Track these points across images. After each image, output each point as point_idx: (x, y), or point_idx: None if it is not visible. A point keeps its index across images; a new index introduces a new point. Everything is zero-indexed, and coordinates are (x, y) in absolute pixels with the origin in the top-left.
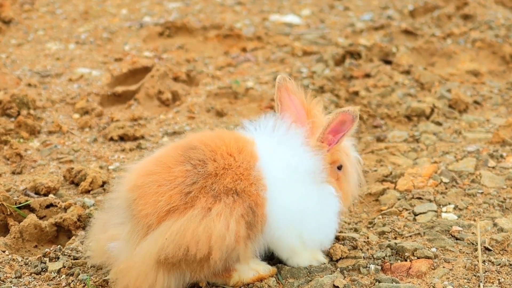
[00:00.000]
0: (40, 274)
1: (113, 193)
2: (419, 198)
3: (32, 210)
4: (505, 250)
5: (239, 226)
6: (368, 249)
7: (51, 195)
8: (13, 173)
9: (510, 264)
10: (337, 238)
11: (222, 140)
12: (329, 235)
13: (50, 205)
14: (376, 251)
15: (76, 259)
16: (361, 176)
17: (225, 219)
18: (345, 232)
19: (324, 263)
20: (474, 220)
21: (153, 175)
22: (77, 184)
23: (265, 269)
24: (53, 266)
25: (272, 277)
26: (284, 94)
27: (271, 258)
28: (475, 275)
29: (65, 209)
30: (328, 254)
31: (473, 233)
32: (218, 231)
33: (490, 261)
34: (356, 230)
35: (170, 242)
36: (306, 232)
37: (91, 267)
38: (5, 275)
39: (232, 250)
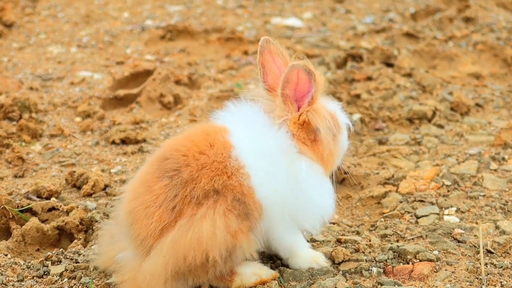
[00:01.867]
0: (42, 278)
1: (116, 212)
2: (421, 201)
3: (34, 213)
4: (507, 253)
5: (228, 220)
6: (370, 252)
7: (53, 199)
8: (15, 176)
9: None
10: (339, 241)
11: (192, 141)
12: (324, 208)
13: (52, 209)
14: (378, 254)
15: (78, 262)
16: (344, 137)
17: (210, 218)
18: (347, 235)
19: (326, 267)
20: (476, 223)
21: (139, 198)
22: (79, 188)
23: (267, 273)
24: (55, 269)
25: (274, 280)
26: (268, 57)
27: (273, 261)
28: (477, 278)
29: (67, 212)
30: (330, 257)
31: (475, 235)
32: (205, 231)
33: (492, 263)
34: (358, 233)
35: (169, 258)
36: (300, 215)
37: (93, 270)
38: (7, 279)
39: (233, 247)
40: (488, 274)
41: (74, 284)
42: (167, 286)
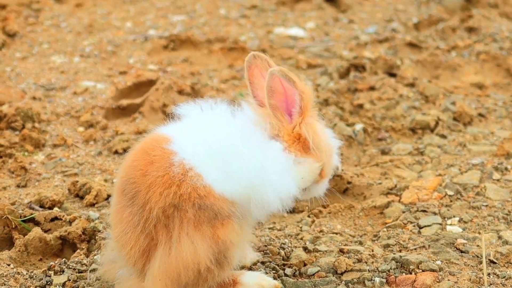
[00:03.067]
0: None
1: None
2: (424, 211)
3: (37, 223)
4: (510, 263)
5: (202, 231)
6: (373, 262)
7: (56, 209)
8: (18, 186)
9: None
10: (342, 251)
11: (135, 166)
12: (281, 190)
13: (55, 218)
14: (381, 264)
15: (81, 272)
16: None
17: (185, 242)
18: (350, 245)
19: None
20: (479, 233)
21: (118, 225)
22: (82, 197)
23: (269, 283)
24: (58, 279)
25: None
26: (255, 72)
27: (276, 271)
28: None
29: (70, 222)
30: (332, 267)
31: (478, 245)
32: (186, 253)
33: (495, 273)
34: (360, 243)
35: (165, 281)
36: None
37: (96, 280)
38: None
39: (217, 245)
40: (491, 284)
41: None
42: None
